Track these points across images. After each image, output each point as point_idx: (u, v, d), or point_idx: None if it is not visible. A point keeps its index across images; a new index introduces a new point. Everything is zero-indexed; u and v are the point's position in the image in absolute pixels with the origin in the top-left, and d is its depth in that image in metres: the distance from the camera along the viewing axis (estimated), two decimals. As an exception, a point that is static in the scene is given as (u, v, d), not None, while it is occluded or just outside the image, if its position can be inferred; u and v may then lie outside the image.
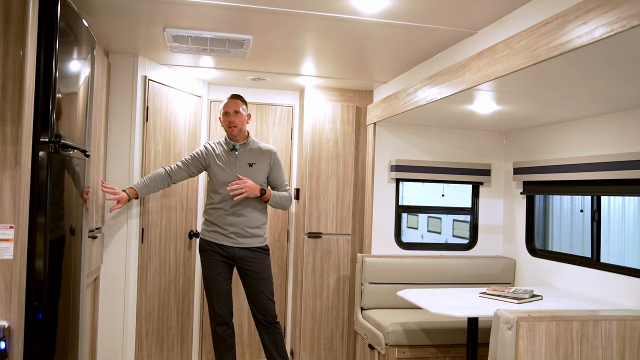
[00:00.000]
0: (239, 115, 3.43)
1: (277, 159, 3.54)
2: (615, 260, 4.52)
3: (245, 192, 3.29)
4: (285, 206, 3.56)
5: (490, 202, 4.44)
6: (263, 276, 3.43)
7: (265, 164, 3.48)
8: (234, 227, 3.38)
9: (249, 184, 3.31)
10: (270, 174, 3.51)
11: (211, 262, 3.41)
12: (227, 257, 3.41)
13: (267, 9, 2.56)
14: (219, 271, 3.40)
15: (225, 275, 3.42)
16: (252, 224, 3.40)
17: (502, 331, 2.50)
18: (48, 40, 1.98)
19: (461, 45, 2.91)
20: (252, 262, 3.40)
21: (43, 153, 1.98)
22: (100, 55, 3.14)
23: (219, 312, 3.39)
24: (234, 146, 3.46)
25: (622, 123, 3.19)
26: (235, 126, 3.41)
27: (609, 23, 1.75)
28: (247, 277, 3.43)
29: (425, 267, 4.12)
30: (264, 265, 3.44)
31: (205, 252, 3.46)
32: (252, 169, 3.42)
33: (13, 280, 1.85)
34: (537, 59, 2.12)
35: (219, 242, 3.40)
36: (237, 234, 3.38)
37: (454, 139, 4.39)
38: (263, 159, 3.48)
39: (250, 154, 3.47)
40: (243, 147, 3.46)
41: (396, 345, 3.51)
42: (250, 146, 3.49)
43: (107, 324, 3.46)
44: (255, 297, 3.43)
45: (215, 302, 3.40)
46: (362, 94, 4.41)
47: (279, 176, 3.54)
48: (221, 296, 3.40)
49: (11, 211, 1.86)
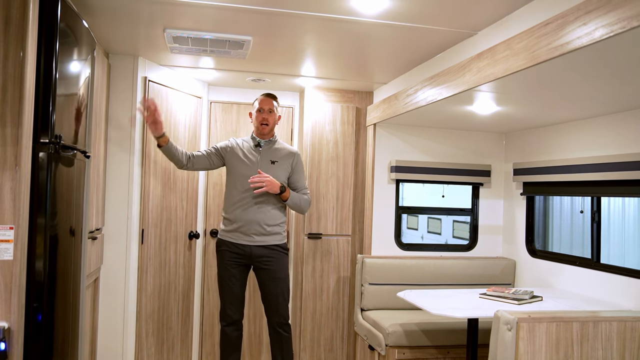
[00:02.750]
0: (272, 114, 3.45)
1: (300, 161, 3.54)
2: (615, 261, 4.51)
3: (266, 186, 3.27)
4: (303, 209, 3.53)
5: (490, 203, 4.44)
6: (280, 275, 3.38)
7: (288, 164, 3.47)
8: (252, 224, 3.33)
9: (270, 179, 3.30)
10: (292, 175, 3.49)
11: (227, 263, 3.37)
12: (244, 257, 3.36)
13: (267, 10, 2.56)
14: (233, 273, 3.36)
15: (239, 277, 3.38)
16: (270, 221, 3.37)
17: (502, 332, 2.50)
18: (48, 42, 1.98)
19: (461, 46, 2.91)
20: (269, 261, 3.36)
21: (43, 154, 1.98)
22: (101, 56, 3.15)
23: (229, 314, 3.37)
24: (259, 142, 3.46)
25: (622, 124, 3.19)
26: (267, 124, 3.42)
27: (609, 24, 1.75)
28: (263, 276, 3.39)
29: (426, 268, 4.12)
30: (282, 264, 3.40)
31: (221, 252, 3.42)
32: (274, 167, 3.41)
33: (13, 281, 1.85)
34: (537, 60, 2.12)
35: (237, 241, 3.35)
36: (255, 231, 3.34)
37: (453, 140, 4.39)
38: (286, 159, 3.47)
39: (274, 152, 3.47)
40: (268, 144, 3.47)
41: (396, 346, 3.51)
42: (275, 145, 3.49)
43: (107, 324, 3.47)
44: (270, 296, 3.39)
45: (227, 304, 3.38)
46: (362, 95, 4.41)
47: (300, 179, 3.52)
48: (234, 298, 3.37)
49: (11, 212, 1.85)
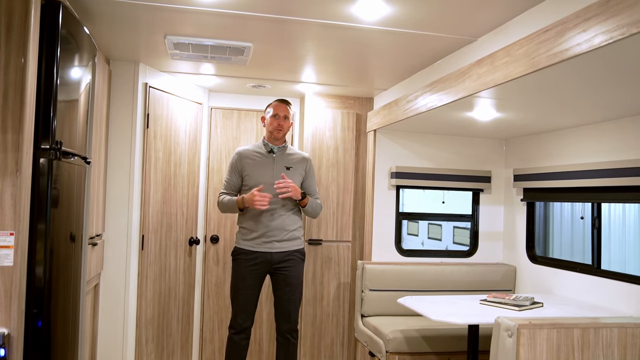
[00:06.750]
0: (287, 121, 3.46)
1: (312, 166, 3.56)
2: (616, 267, 4.51)
3: (291, 191, 3.28)
4: (317, 214, 3.55)
5: (490, 209, 4.44)
6: (295, 281, 3.39)
7: (301, 169, 3.48)
8: (274, 230, 3.32)
9: (294, 184, 3.31)
10: (304, 180, 3.50)
11: (243, 272, 3.35)
12: (263, 264, 3.34)
13: (267, 17, 2.57)
14: (248, 283, 3.33)
15: (255, 286, 3.37)
16: (289, 227, 3.37)
17: (503, 338, 2.50)
18: (49, 48, 1.98)
19: (461, 53, 2.92)
20: (287, 267, 3.36)
21: (44, 160, 1.98)
22: (101, 62, 3.15)
23: (240, 322, 3.35)
24: (272, 149, 3.46)
25: (622, 130, 3.19)
26: (281, 130, 3.43)
27: (608, 31, 1.76)
28: (280, 281, 3.38)
29: (426, 274, 4.11)
30: (298, 270, 3.41)
31: (238, 261, 3.39)
32: (289, 173, 3.41)
33: (13, 287, 1.85)
34: (537, 66, 2.13)
35: (257, 249, 3.33)
36: (277, 237, 3.33)
37: (454, 146, 4.39)
38: (299, 165, 3.48)
39: (287, 158, 3.47)
40: (281, 150, 3.47)
41: (397, 353, 3.50)
42: (287, 151, 3.50)
43: (107, 330, 3.46)
44: (283, 301, 3.38)
45: (238, 313, 3.35)
46: (362, 101, 4.42)
47: (312, 184, 3.54)
48: (246, 308, 3.36)
49: (12, 218, 1.85)
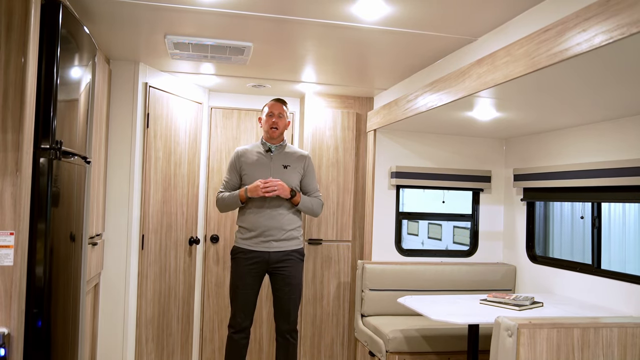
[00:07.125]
0: (282, 119, 3.46)
1: (311, 163, 3.55)
2: (616, 267, 4.51)
3: (277, 189, 3.27)
4: (316, 212, 3.53)
5: (490, 208, 4.44)
6: (295, 281, 3.39)
7: (300, 168, 3.48)
8: (271, 229, 3.33)
9: (280, 183, 3.30)
10: (303, 178, 3.50)
11: (242, 272, 3.35)
12: (261, 264, 3.34)
13: (267, 17, 2.57)
14: (248, 282, 3.34)
15: (254, 285, 3.37)
16: (287, 226, 3.37)
17: (503, 338, 2.50)
18: (49, 47, 1.98)
19: (461, 52, 2.92)
20: (286, 267, 3.36)
21: (44, 159, 1.98)
22: (102, 62, 3.15)
23: (239, 321, 3.36)
24: (270, 148, 3.46)
25: (622, 130, 3.19)
26: (277, 128, 3.43)
27: (608, 30, 1.76)
28: (279, 281, 3.38)
29: (426, 273, 4.11)
30: (297, 270, 3.41)
31: (237, 260, 3.39)
32: (287, 171, 3.42)
33: (13, 286, 1.85)
34: (537, 66, 2.13)
35: (255, 248, 3.34)
36: (274, 236, 3.34)
37: (454, 146, 4.39)
38: (297, 163, 3.48)
39: (285, 156, 3.47)
40: (279, 149, 3.47)
41: (397, 352, 3.50)
42: (285, 149, 3.50)
43: (107, 330, 3.46)
44: (283, 301, 3.38)
45: (238, 311, 3.36)
46: (362, 101, 4.42)
47: (311, 182, 3.53)
48: (245, 308, 3.36)
49: (12, 218, 1.85)
